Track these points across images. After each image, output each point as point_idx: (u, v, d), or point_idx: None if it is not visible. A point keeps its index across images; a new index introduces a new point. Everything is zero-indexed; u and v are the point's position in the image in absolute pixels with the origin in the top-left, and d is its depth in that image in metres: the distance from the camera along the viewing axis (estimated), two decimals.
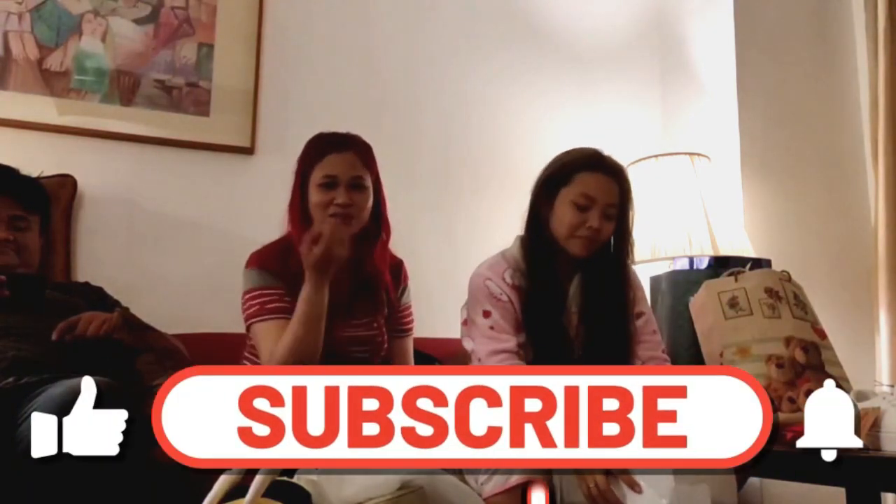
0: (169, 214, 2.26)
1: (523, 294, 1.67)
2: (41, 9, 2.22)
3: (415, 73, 2.59)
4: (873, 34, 2.61)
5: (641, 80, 2.85)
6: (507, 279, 1.67)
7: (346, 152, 1.72)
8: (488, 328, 1.64)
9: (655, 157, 2.47)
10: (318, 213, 1.70)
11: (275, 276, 1.69)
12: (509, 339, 1.62)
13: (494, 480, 1.41)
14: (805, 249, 2.53)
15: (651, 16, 2.89)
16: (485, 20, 2.70)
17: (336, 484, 1.20)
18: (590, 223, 1.65)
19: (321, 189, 1.70)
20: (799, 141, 2.63)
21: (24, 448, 1.25)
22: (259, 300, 1.67)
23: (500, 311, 1.64)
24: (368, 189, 1.74)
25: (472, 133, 2.60)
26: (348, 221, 1.69)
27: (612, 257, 1.73)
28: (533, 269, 1.69)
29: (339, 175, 1.70)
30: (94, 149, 2.21)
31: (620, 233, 1.72)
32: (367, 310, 1.77)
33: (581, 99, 2.75)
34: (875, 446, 1.57)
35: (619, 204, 1.70)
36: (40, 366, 1.53)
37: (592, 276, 1.71)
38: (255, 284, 1.69)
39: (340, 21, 2.53)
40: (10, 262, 1.75)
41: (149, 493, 1.40)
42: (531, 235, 1.72)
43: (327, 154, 1.72)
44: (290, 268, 1.67)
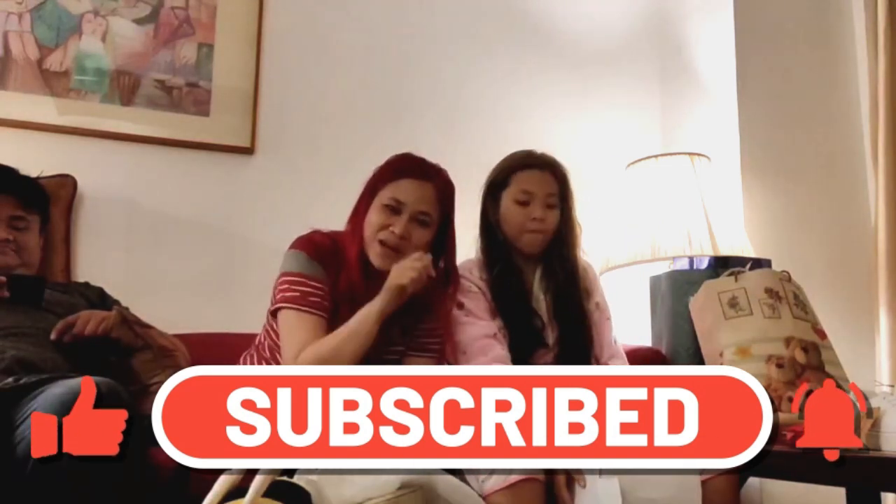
0: (169, 214, 2.26)
1: (490, 284, 1.77)
2: (41, 9, 2.22)
3: (415, 74, 2.59)
4: (873, 34, 2.61)
5: (641, 80, 2.85)
6: (475, 274, 1.79)
7: (424, 182, 1.63)
8: (464, 316, 1.72)
9: (655, 157, 2.47)
10: (370, 233, 1.61)
11: (324, 268, 1.60)
12: (487, 322, 1.71)
13: (494, 478, 1.42)
14: (805, 249, 2.53)
15: (651, 16, 2.89)
16: (485, 21, 2.70)
17: (336, 484, 1.20)
18: (533, 215, 1.77)
19: (385, 210, 1.61)
20: (799, 141, 2.63)
21: (24, 448, 1.26)
22: (301, 287, 1.58)
23: (472, 300, 1.74)
24: (431, 227, 1.64)
25: (472, 133, 2.60)
26: (395, 254, 1.59)
27: (560, 247, 1.82)
28: (491, 262, 1.80)
29: (407, 203, 1.60)
30: (94, 149, 2.21)
31: (564, 220, 1.82)
32: (399, 340, 1.69)
33: (581, 99, 2.75)
34: (875, 446, 1.57)
35: (558, 194, 1.80)
36: (40, 366, 1.54)
37: (548, 265, 1.82)
38: (304, 270, 1.59)
39: (340, 21, 2.53)
40: (10, 262, 1.76)
41: (149, 493, 1.40)
42: (485, 237, 1.85)
43: (404, 177, 1.63)
44: (335, 267, 1.61)
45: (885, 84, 2.52)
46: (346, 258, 1.62)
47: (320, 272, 1.60)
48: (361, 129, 2.47)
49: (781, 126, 2.60)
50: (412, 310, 1.65)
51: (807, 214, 2.58)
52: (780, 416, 1.88)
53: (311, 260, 1.60)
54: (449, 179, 1.70)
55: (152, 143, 2.27)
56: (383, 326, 1.58)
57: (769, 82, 2.61)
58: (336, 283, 1.60)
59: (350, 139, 2.46)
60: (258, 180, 2.36)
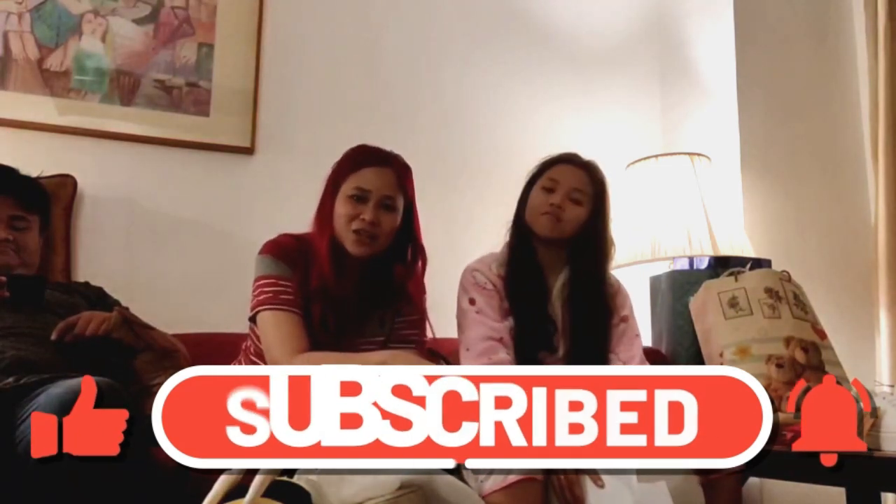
0: (169, 214, 2.26)
1: (507, 282, 1.75)
2: (41, 9, 2.22)
3: (414, 73, 2.59)
4: (873, 34, 2.61)
5: (641, 80, 2.85)
6: (493, 270, 1.76)
7: (383, 168, 1.67)
8: (475, 313, 1.71)
9: (655, 157, 2.47)
10: (341, 225, 1.65)
11: (290, 268, 1.65)
12: (495, 324, 1.69)
13: (493, 478, 1.42)
14: (805, 249, 2.53)
15: (651, 16, 2.89)
16: (485, 21, 2.70)
17: (336, 484, 1.20)
18: (552, 200, 1.74)
19: (350, 201, 1.65)
20: (799, 141, 2.63)
21: (25, 448, 1.26)
22: (272, 288, 1.63)
23: (484, 297, 1.72)
24: (397, 211, 1.69)
25: (472, 133, 2.60)
26: (370, 241, 1.65)
27: (591, 255, 1.77)
28: (511, 256, 1.77)
29: (371, 190, 1.65)
30: (94, 149, 2.21)
31: (595, 224, 1.77)
32: (377, 331, 1.71)
33: (581, 99, 2.75)
34: (875, 446, 1.56)
35: (590, 193, 1.76)
36: (40, 366, 1.53)
37: (575, 272, 1.77)
38: (271, 272, 1.64)
39: (340, 21, 2.53)
40: (10, 263, 1.76)
41: (149, 493, 1.40)
42: (513, 230, 1.82)
43: (364, 167, 1.67)
44: (303, 265, 1.64)
45: (885, 84, 2.52)
46: (315, 254, 1.66)
47: (287, 271, 1.64)
48: (361, 130, 2.45)
49: (781, 126, 2.60)
50: (388, 300, 1.71)
51: (807, 214, 2.58)
52: (779, 416, 1.89)
53: (277, 261, 1.65)
54: (405, 163, 1.73)
55: (152, 143, 2.27)
56: (360, 318, 1.66)
57: (769, 82, 2.61)
58: (307, 280, 1.64)
59: (350, 139, 2.43)
60: (258, 180, 2.36)
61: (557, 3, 2.78)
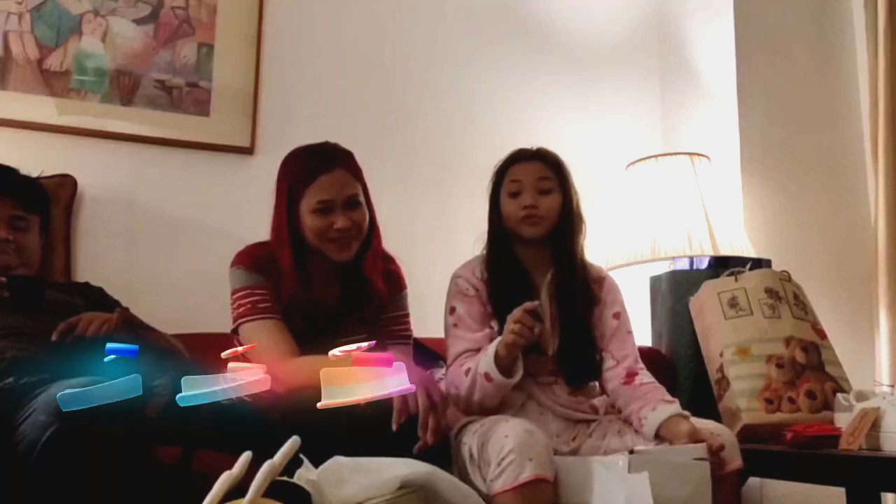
0: (169, 214, 2.26)
1: (489, 283, 1.75)
2: (41, 9, 2.22)
3: (414, 73, 2.59)
4: (873, 34, 2.61)
5: (641, 80, 2.85)
6: (476, 274, 1.76)
7: (335, 170, 1.67)
8: (452, 326, 1.72)
9: (655, 157, 2.47)
10: (315, 239, 1.66)
11: (263, 276, 1.66)
12: (473, 335, 1.69)
13: (503, 478, 1.41)
14: (805, 249, 2.53)
15: (651, 16, 2.89)
16: (485, 21, 2.70)
17: (336, 484, 1.20)
18: (524, 203, 1.74)
19: (317, 215, 1.64)
20: (799, 141, 2.63)
21: (25, 448, 1.26)
22: (250, 299, 1.65)
23: (465, 305, 1.73)
24: (363, 203, 1.70)
25: (471, 133, 2.60)
26: (352, 243, 1.67)
27: (569, 233, 1.77)
28: (491, 258, 1.77)
29: (334, 199, 1.64)
30: (94, 149, 2.21)
31: (568, 206, 1.77)
32: (356, 329, 1.71)
33: (581, 99, 2.75)
34: (875, 446, 1.57)
35: (554, 178, 1.77)
36: (40, 366, 1.53)
37: (561, 270, 1.76)
38: (245, 283, 1.66)
39: (340, 21, 2.53)
40: (10, 263, 1.76)
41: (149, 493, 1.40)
42: (489, 234, 1.81)
43: (317, 176, 1.65)
44: (275, 272, 1.66)
45: (885, 84, 2.52)
46: (280, 269, 1.66)
47: (261, 279, 1.66)
48: (361, 130, 2.46)
49: (781, 126, 2.61)
50: (365, 298, 1.72)
51: (807, 214, 2.59)
52: (779, 416, 1.89)
53: (249, 271, 1.67)
54: (346, 150, 1.73)
55: (152, 143, 2.27)
56: (339, 317, 1.68)
57: (769, 82, 2.61)
58: (278, 292, 1.66)
59: (350, 139, 2.44)
60: (258, 180, 2.34)
61: (558, 3, 2.78)
